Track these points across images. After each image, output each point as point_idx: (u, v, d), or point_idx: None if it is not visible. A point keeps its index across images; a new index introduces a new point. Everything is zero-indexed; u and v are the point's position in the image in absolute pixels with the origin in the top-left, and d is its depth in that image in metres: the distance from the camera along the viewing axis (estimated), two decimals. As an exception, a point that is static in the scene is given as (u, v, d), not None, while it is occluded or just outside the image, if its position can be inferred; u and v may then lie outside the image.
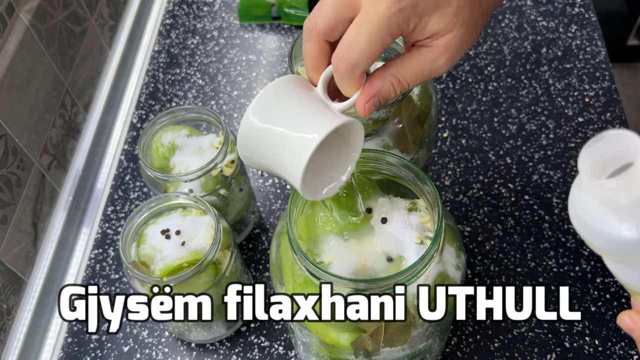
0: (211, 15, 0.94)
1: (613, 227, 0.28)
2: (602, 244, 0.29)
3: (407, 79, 0.39)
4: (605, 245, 0.29)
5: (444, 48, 0.38)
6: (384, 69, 0.39)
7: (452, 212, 0.70)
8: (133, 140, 0.80)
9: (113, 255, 0.70)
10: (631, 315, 0.35)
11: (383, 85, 0.39)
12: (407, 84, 0.39)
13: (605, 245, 0.29)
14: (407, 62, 0.39)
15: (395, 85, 0.39)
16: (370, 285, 0.40)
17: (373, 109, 0.40)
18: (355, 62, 0.37)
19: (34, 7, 0.68)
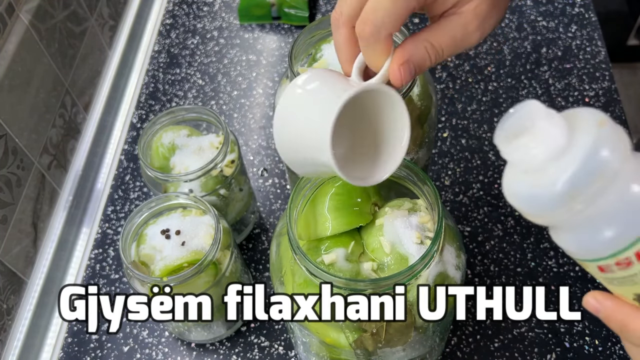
0: (211, 15, 0.94)
1: (535, 187, 0.29)
2: (535, 209, 0.30)
3: (442, 44, 0.37)
4: (539, 210, 0.30)
5: (473, 14, 0.37)
6: (416, 35, 0.37)
7: (452, 212, 0.70)
8: (133, 140, 0.80)
9: (113, 255, 0.70)
10: (595, 295, 0.33)
11: (416, 50, 0.37)
12: (442, 51, 0.37)
13: (538, 210, 0.30)
14: (438, 28, 0.37)
15: (429, 50, 0.37)
16: (370, 285, 0.40)
17: (409, 77, 0.37)
18: (380, 23, 0.35)
19: (34, 7, 0.68)
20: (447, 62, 0.84)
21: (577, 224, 0.30)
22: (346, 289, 0.40)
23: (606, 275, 0.31)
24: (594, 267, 0.31)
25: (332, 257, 0.43)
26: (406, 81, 0.37)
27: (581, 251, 0.31)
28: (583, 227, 0.30)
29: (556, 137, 0.28)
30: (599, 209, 0.29)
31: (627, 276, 0.30)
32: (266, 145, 0.78)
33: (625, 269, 0.30)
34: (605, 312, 0.33)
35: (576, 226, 0.30)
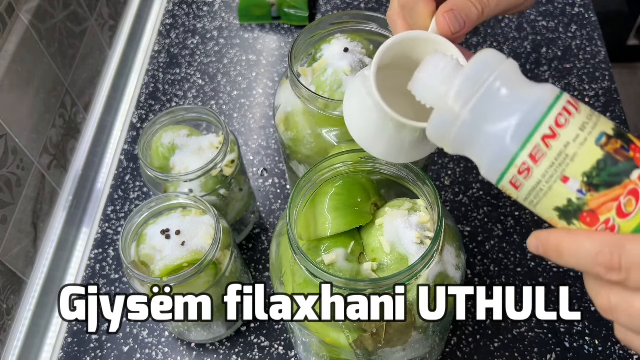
0: (211, 15, 0.94)
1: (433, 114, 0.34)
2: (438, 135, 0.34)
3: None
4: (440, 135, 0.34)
5: None
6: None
7: (452, 212, 0.70)
8: (133, 140, 0.80)
9: (113, 255, 0.70)
10: (535, 233, 0.33)
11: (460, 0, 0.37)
12: (488, 3, 0.37)
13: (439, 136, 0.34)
14: None
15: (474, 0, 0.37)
16: (370, 285, 0.40)
17: (456, 24, 0.37)
18: None
19: (34, 7, 0.68)
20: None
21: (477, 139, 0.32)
22: (346, 289, 0.40)
23: (522, 193, 0.32)
24: (508, 185, 0.32)
25: (332, 257, 0.43)
26: (454, 28, 0.38)
27: (492, 168, 0.32)
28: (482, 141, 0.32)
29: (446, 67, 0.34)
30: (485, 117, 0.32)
31: (535, 186, 0.31)
32: (266, 145, 0.78)
33: (529, 177, 0.31)
34: (542, 245, 0.32)
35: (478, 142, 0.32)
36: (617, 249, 0.28)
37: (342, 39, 0.55)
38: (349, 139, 0.52)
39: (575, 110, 0.31)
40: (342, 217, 0.45)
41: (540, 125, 0.30)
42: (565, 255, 0.31)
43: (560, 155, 0.30)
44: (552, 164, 0.30)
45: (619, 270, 0.28)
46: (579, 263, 0.30)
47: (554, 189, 0.31)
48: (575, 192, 0.30)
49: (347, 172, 0.47)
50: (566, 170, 0.30)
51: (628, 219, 0.30)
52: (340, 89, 0.51)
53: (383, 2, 0.93)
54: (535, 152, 0.30)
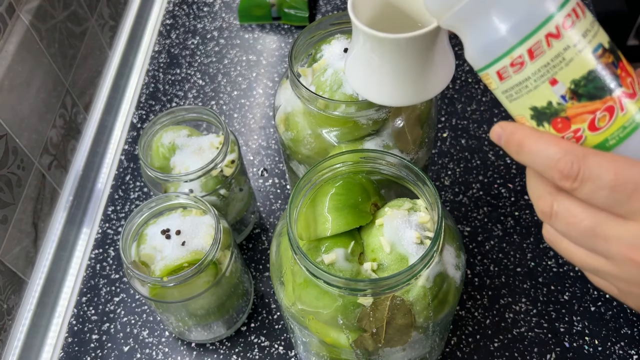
0: (211, 16, 0.94)
1: None
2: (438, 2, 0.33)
3: None
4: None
5: None
6: None
7: (452, 212, 0.70)
8: (133, 140, 0.81)
9: (113, 255, 0.70)
10: (500, 123, 0.33)
11: None
12: None
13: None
14: None
15: None
16: (370, 285, 0.40)
17: None
18: None
19: (34, 8, 0.68)
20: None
21: (476, 17, 0.31)
22: (346, 289, 0.40)
23: (505, 85, 0.32)
24: (494, 74, 0.32)
25: (332, 257, 0.44)
26: None
27: (482, 52, 0.32)
28: (481, 21, 0.31)
29: None
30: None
31: (522, 81, 0.31)
32: (266, 145, 0.78)
33: (520, 71, 0.31)
34: (506, 136, 0.32)
35: (476, 21, 0.32)
36: (578, 159, 0.29)
37: (342, 39, 0.55)
38: (349, 139, 0.52)
39: (582, 14, 0.31)
40: (342, 217, 0.45)
41: (548, 21, 0.30)
42: (525, 152, 0.31)
43: (557, 57, 0.30)
44: (546, 64, 0.30)
45: (574, 179, 0.29)
46: (536, 162, 0.31)
47: (539, 89, 0.31)
48: (558, 96, 0.30)
49: (347, 172, 0.47)
50: (558, 74, 0.30)
51: (597, 132, 0.30)
52: (341, 89, 0.51)
53: None
54: (535, 48, 0.30)
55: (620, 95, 0.30)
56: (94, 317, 0.66)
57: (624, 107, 0.30)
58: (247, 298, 0.64)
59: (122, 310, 0.66)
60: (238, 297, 0.61)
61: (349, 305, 0.42)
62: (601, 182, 0.29)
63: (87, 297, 0.67)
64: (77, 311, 0.66)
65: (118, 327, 0.65)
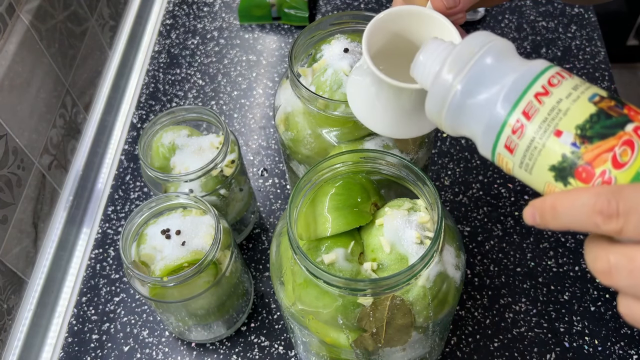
0: (211, 16, 0.95)
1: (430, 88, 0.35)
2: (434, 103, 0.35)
3: None
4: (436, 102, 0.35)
5: None
6: None
7: (452, 212, 0.70)
8: (133, 140, 0.81)
9: (113, 255, 0.70)
10: (532, 203, 0.32)
11: None
12: None
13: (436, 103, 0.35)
14: None
15: None
16: (370, 285, 0.40)
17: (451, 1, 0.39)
18: None
19: (34, 8, 0.68)
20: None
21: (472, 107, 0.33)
22: (346, 289, 0.40)
23: (517, 156, 0.32)
24: (504, 151, 0.32)
25: (332, 257, 0.44)
26: (448, 3, 0.39)
27: (486, 136, 0.33)
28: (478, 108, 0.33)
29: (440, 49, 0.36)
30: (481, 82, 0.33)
31: (529, 144, 0.31)
32: (266, 145, 0.78)
33: (523, 134, 0.31)
34: (538, 211, 0.31)
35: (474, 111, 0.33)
36: (614, 195, 0.28)
37: (342, 39, 0.55)
38: (349, 139, 0.52)
39: (568, 76, 0.32)
40: (342, 217, 0.45)
41: (533, 84, 0.31)
42: (561, 212, 0.30)
43: (553, 110, 0.30)
44: (544, 119, 0.30)
45: (617, 215, 0.27)
46: (576, 217, 0.29)
47: (547, 146, 0.31)
48: (569, 145, 0.30)
49: (347, 172, 0.47)
50: (559, 124, 0.30)
51: (624, 169, 0.29)
52: (341, 89, 0.51)
53: (383, 2, 0.93)
54: (529, 109, 0.31)
55: (634, 127, 0.29)
56: (94, 317, 0.66)
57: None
58: (247, 298, 0.64)
59: (122, 310, 0.66)
60: (238, 297, 0.61)
61: (349, 305, 0.42)
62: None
63: (87, 297, 0.67)
64: (77, 311, 0.67)
65: (118, 327, 0.65)
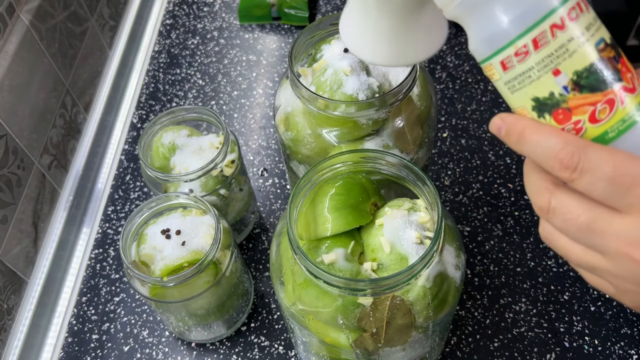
0: (211, 16, 0.95)
1: None
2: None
3: None
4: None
5: None
6: None
7: (452, 212, 0.70)
8: (133, 140, 0.81)
9: (113, 255, 0.70)
10: (501, 115, 0.33)
11: None
12: None
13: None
14: None
15: None
16: (370, 285, 0.40)
17: None
18: None
19: (34, 8, 0.68)
20: (447, 62, 0.84)
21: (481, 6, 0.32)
22: (346, 289, 0.40)
23: (508, 76, 0.32)
24: (497, 64, 0.32)
25: (332, 257, 0.44)
26: None
27: (487, 42, 0.32)
28: (486, 11, 0.31)
29: None
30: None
31: (525, 71, 0.31)
32: (266, 145, 0.78)
33: (524, 60, 0.31)
34: (507, 127, 0.33)
35: (481, 11, 0.32)
36: (579, 150, 0.29)
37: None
38: (349, 139, 0.52)
39: (585, 8, 0.31)
40: (342, 217, 0.45)
41: (553, 12, 0.30)
42: (526, 142, 0.31)
43: (561, 48, 0.30)
44: (550, 54, 0.31)
45: (574, 169, 0.29)
46: (536, 152, 0.31)
47: (542, 79, 0.31)
48: (560, 87, 0.31)
49: (347, 172, 0.47)
50: (561, 64, 0.30)
51: (597, 124, 0.31)
52: (341, 89, 0.51)
53: (383, 3, 0.92)
54: (540, 38, 0.31)
55: (620, 88, 0.30)
56: (94, 317, 0.66)
57: (623, 100, 0.30)
58: (247, 298, 0.64)
59: (122, 310, 0.66)
60: (238, 297, 0.61)
61: (349, 305, 0.42)
62: (600, 173, 0.29)
63: (87, 297, 0.67)
64: (77, 311, 0.67)
65: (118, 327, 0.65)
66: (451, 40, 0.87)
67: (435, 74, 0.83)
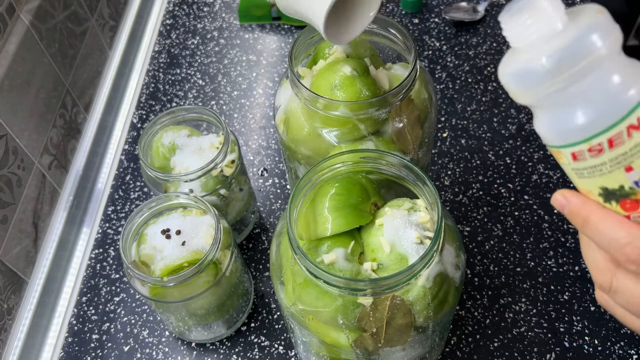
0: (211, 16, 0.95)
1: (526, 61, 0.31)
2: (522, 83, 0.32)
3: None
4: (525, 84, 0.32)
5: None
6: None
7: (452, 212, 0.70)
8: (133, 140, 0.81)
9: (113, 255, 0.70)
10: (563, 192, 0.34)
11: None
12: None
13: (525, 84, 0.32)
14: None
15: None
16: (370, 285, 0.40)
17: None
18: None
19: (34, 8, 0.68)
20: (447, 62, 0.84)
21: (558, 103, 0.31)
22: (346, 289, 0.41)
23: (578, 165, 0.32)
24: (568, 154, 0.32)
25: (332, 257, 0.44)
26: None
27: (560, 134, 0.32)
28: (563, 107, 0.31)
29: (553, 16, 0.30)
30: (580, 90, 0.30)
31: (597, 165, 0.31)
32: (266, 145, 0.78)
33: (597, 156, 0.31)
34: (570, 207, 0.33)
35: (557, 106, 0.31)
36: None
37: None
38: (349, 139, 0.52)
39: None
40: (342, 217, 0.45)
41: (632, 113, 0.30)
42: (591, 229, 0.32)
43: (636, 147, 0.30)
44: (625, 153, 0.31)
45: (638, 265, 0.30)
46: (601, 241, 0.32)
47: (613, 173, 0.31)
48: (631, 182, 0.31)
49: (347, 172, 0.47)
50: (635, 162, 0.31)
51: None
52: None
53: (383, 2, 0.93)
54: (616, 138, 0.31)
55: None
56: (94, 317, 0.66)
57: None
58: (247, 298, 0.64)
59: (122, 310, 0.66)
60: (238, 297, 0.61)
61: (349, 305, 0.42)
62: None
63: (87, 297, 0.67)
64: (77, 311, 0.67)
65: (118, 327, 0.65)
66: (451, 40, 0.87)
67: (435, 74, 0.83)
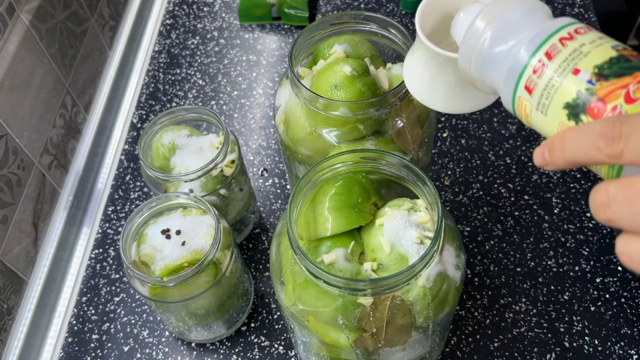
0: (211, 16, 0.95)
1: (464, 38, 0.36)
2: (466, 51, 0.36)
3: None
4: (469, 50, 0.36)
5: None
6: None
7: (452, 212, 0.70)
8: (133, 140, 0.81)
9: (113, 255, 0.70)
10: (542, 144, 0.32)
11: None
12: None
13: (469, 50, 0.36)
14: None
15: None
16: (370, 285, 0.40)
17: None
18: None
19: (34, 8, 0.68)
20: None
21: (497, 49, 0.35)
22: (346, 289, 0.40)
23: (535, 97, 0.33)
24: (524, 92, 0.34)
25: (332, 257, 0.44)
26: None
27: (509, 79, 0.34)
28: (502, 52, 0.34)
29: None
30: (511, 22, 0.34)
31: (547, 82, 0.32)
32: (266, 145, 0.78)
33: (542, 73, 0.32)
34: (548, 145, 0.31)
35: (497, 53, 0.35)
36: (619, 119, 0.28)
37: (343, 44, 0.55)
38: (349, 139, 0.52)
39: (595, 31, 0.33)
40: (342, 217, 0.45)
41: (559, 30, 0.32)
42: (569, 141, 0.30)
43: (574, 52, 0.31)
44: (565, 59, 0.31)
45: (619, 138, 0.27)
46: (582, 144, 0.29)
47: (564, 84, 0.31)
48: (585, 82, 0.31)
49: (347, 172, 0.47)
50: (578, 64, 0.31)
51: (635, 104, 0.29)
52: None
53: (383, 2, 0.93)
54: (552, 50, 0.32)
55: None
56: (94, 317, 0.66)
57: None
58: (247, 298, 0.64)
59: (122, 310, 0.66)
60: (238, 297, 0.61)
61: (349, 305, 0.42)
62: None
63: (87, 297, 0.67)
64: (77, 311, 0.67)
65: (118, 327, 0.65)
66: (451, 40, 0.87)
67: (435, 74, 0.83)
